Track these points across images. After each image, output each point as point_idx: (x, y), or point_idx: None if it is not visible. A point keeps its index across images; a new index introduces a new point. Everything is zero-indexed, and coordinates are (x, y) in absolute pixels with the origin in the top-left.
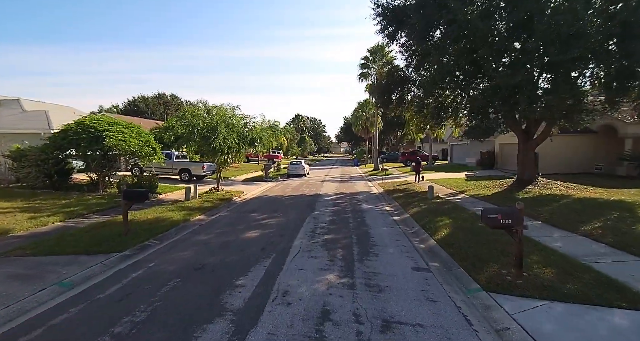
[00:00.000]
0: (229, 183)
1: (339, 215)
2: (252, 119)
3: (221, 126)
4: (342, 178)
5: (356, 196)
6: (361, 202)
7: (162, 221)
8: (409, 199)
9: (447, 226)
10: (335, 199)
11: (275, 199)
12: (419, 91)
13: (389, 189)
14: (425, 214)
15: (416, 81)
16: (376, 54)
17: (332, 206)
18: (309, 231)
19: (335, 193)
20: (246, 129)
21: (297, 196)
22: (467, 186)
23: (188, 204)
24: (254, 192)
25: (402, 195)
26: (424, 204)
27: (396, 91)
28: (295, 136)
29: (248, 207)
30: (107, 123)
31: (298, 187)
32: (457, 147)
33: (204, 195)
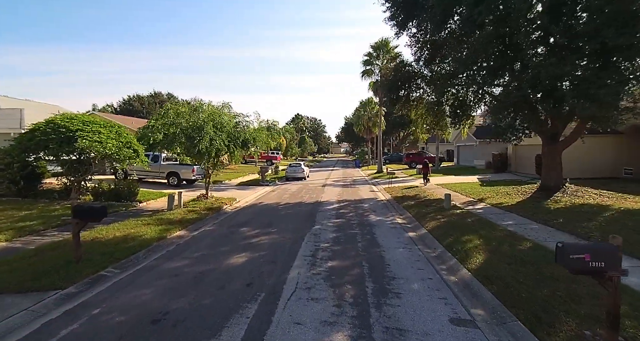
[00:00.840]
0: (221, 187)
1: (344, 230)
2: (245, 118)
3: (208, 126)
4: (345, 182)
5: (361, 204)
6: (368, 212)
7: (132, 239)
8: (423, 209)
9: (479, 249)
10: (339, 208)
11: (270, 208)
12: (428, 88)
13: (398, 196)
14: (447, 230)
15: (426, 77)
16: (380, 50)
17: (335, 217)
18: (309, 254)
19: (338, 200)
20: (238, 129)
21: (296, 204)
22: (484, 192)
23: (169, 216)
24: (247, 199)
25: (414, 203)
26: (441, 215)
27: (404, 87)
28: (295, 136)
29: (238, 219)
30: (81, 122)
31: (297, 192)
32: (464, 149)
33: (190, 203)
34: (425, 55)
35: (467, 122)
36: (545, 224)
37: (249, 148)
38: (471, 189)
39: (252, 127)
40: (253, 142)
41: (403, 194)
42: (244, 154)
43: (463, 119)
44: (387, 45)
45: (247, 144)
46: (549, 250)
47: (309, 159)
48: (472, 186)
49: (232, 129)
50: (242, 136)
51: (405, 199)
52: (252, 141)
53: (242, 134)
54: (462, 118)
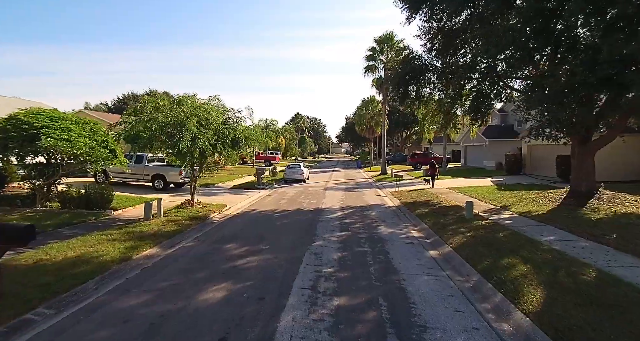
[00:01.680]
0: (213, 191)
1: (351, 248)
2: (236, 114)
3: (191, 122)
4: (347, 184)
5: (368, 212)
6: (377, 222)
7: (86, 262)
8: (441, 219)
9: (528, 278)
10: (342, 216)
11: (264, 217)
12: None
13: (408, 202)
14: (477, 247)
15: (438, 70)
16: (384, 45)
17: (339, 229)
18: (308, 286)
19: (342, 206)
20: (227, 127)
21: (294, 211)
22: (505, 197)
23: (143, 228)
24: (240, 205)
25: (428, 211)
26: (464, 228)
27: (413, 82)
28: (294, 136)
29: (226, 231)
30: (48, 118)
31: (295, 197)
32: (472, 149)
33: (172, 211)
34: (437, 46)
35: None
36: (597, 242)
37: (240, 148)
38: (489, 194)
39: (243, 125)
40: (245, 141)
41: (413, 199)
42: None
43: (486, 114)
44: (391, 40)
45: (238, 143)
46: (625, 282)
47: (309, 160)
48: (488, 190)
49: (221, 126)
50: (231, 134)
51: (417, 205)
52: (243, 140)
53: (231, 131)
54: (485, 114)
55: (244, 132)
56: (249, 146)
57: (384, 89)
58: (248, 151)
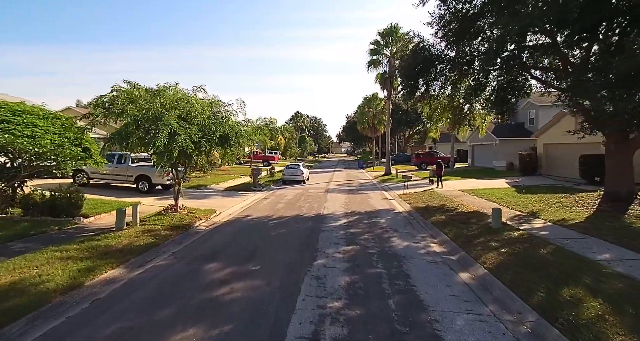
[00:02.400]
0: (204, 193)
1: (362, 270)
2: (226, 108)
3: (170, 116)
4: (350, 186)
5: (377, 219)
6: (388, 232)
7: (21, 292)
8: (462, 229)
9: (608, 322)
10: (348, 225)
11: (257, 225)
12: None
13: (419, 206)
14: (520, 270)
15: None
16: (389, 38)
17: (345, 242)
18: (308, 335)
19: (346, 212)
20: (214, 121)
21: (292, 219)
22: (528, 201)
23: (111, 241)
24: (231, 210)
25: (445, 218)
26: (494, 241)
27: (424, 74)
28: (294, 135)
29: (209, 245)
30: (10, 112)
31: (294, 201)
32: (480, 148)
33: (151, 219)
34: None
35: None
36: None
37: (231, 146)
38: (509, 198)
39: (233, 120)
40: (236, 138)
41: (425, 203)
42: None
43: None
44: (397, 32)
45: (227, 141)
46: None
47: (309, 159)
48: (506, 193)
49: (206, 121)
50: (219, 129)
51: (430, 211)
52: (234, 137)
53: (219, 127)
54: (512, 107)
55: (234, 128)
56: (240, 143)
57: (389, 84)
58: (240, 149)
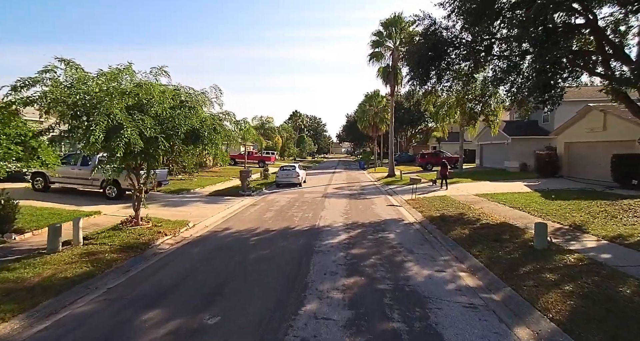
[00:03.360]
0: (184, 199)
1: (370, 326)
2: (196, 97)
3: (112, 103)
4: (351, 190)
5: (384, 234)
6: (401, 252)
7: None
8: (495, 249)
9: None
10: (349, 243)
11: (234, 244)
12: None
13: (433, 216)
14: (613, 330)
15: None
16: (392, 28)
17: (346, 271)
18: None
19: (346, 223)
20: (178, 113)
21: (279, 234)
22: (565, 211)
23: (28, 271)
24: (209, 221)
25: (469, 233)
26: (547, 270)
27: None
28: (292, 135)
29: (162, 276)
30: None
31: (286, 208)
32: (489, 148)
33: (101, 236)
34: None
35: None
36: None
37: (204, 144)
38: (538, 205)
39: (204, 112)
40: (209, 135)
41: (439, 211)
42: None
43: (561, 93)
44: (400, 22)
45: (198, 138)
46: None
47: (308, 160)
48: (531, 199)
49: (168, 112)
50: (185, 123)
51: (448, 222)
52: (206, 134)
53: (185, 120)
54: (559, 92)
55: (206, 122)
56: (216, 141)
57: (392, 78)
58: (217, 149)
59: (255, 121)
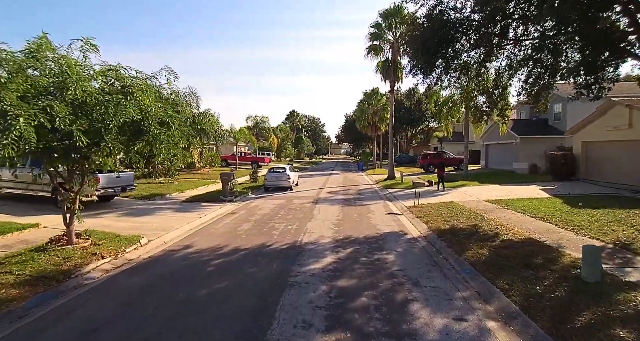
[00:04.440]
0: (153, 207)
1: None
2: (137, 79)
3: None
4: (347, 193)
5: (382, 255)
6: (404, 287)
7: None
8: (529, 280)
9: None
10: (336, 270)
11: (188, 270)
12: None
13: (441, 229)
14: None
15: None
16: (392, 19)
17: (327, 322)
18: None
19: (336, 239)
20: (108, 99)
21: (250, 254)
22: (601, 223)
23: None
24: (170, 236)
25: (489, 254)
26: (616, 322)
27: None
28: (289, 135)
29: (65, 327)
30: None
31: (268, 218)
32: (495, 148)
33: (14, 260)
34: None
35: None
36: None
37: (148, 143)
38: (563, 214)
39: (147, 98)
40: (157, 130)
41: (448, 223)
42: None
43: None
44: (400, 12)
45: (141, 132)
46: None
47: (305, 161)
48: (554, 207)
49: (92, 98)
50: (119, 113)
51: (460, 237)
52: (153, 128)
53: (117, 109)
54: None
55: (150, 112)
56: (166, 139)
57: (392, 73)
58: (174, 149)
59: (249, 121)
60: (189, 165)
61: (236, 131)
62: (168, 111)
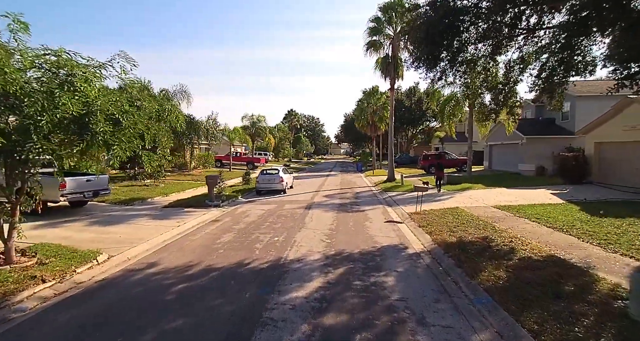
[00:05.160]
0: (130, 213)
1: None
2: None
3: None
4: (343, 197)
5: (380, 276)
6: (408, 325)
7: None
8: (563, 319)
9: None
10: (324, 298)
11: (141, 301)
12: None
13: (447, 242)
14: None
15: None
16: (392, 13)
17: None
18: None
19: (327, 255)
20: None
21: (222, 275)
22: (633, 236)
23: None
24: (137, 250)
25: (507, 277)
26: None
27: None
28: (287, 135)
29: None
30: None
31: (254, 227)
32: (500, 149)
33: None
34: None
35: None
36: None
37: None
38: (584, 224)
39: (92, 89)
40: (106, 128)
41: (455, 233)
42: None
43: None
44: (401, 5)
45: (85, 127)
46: None
47: (304, 161)
48: (571, 214)
49: (16, 86)
50: (51, 106)
51: (469, 252)
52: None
53: (50, 101)
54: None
55: (98, 107)
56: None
57: (392, 69)
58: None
59: (245, 120)
60: (180, 166)
61: (230, 130)
62: (124, 106)
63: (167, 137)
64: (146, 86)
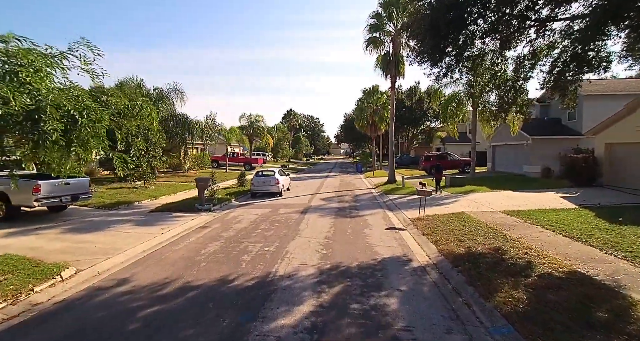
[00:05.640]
0: (113, 218)
1: None
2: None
3: None
4: (342, 201)
5: (382, 296)
6: None
7: None
8: None
9: None
10: (315, 326)
11: (101, 334)
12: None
13: (455, 253)
14: None
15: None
16: (393, 9)
17: None
18: None
19: (321, 269)
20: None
21: (200, 296)
22: None
23: None
24: (110, 263)
25: (527, 299)
26: None
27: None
28: (287, 135)
29: None
30: None
31: (244, 234)
32: (503, 150)
33: None
34: None
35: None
36: None
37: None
38: (603, 233)
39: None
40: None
41: (462, 243)
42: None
43: None
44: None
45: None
46: None
47: (303, 161)
48: (587, 221)
49: None
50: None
51: (480, 267)
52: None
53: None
54: None
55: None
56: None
57: (393, 67)
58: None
59: (243, 120)
60: (175, 167)
61: (226, 130)
62: (85, 101)
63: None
64: (139, 84)
